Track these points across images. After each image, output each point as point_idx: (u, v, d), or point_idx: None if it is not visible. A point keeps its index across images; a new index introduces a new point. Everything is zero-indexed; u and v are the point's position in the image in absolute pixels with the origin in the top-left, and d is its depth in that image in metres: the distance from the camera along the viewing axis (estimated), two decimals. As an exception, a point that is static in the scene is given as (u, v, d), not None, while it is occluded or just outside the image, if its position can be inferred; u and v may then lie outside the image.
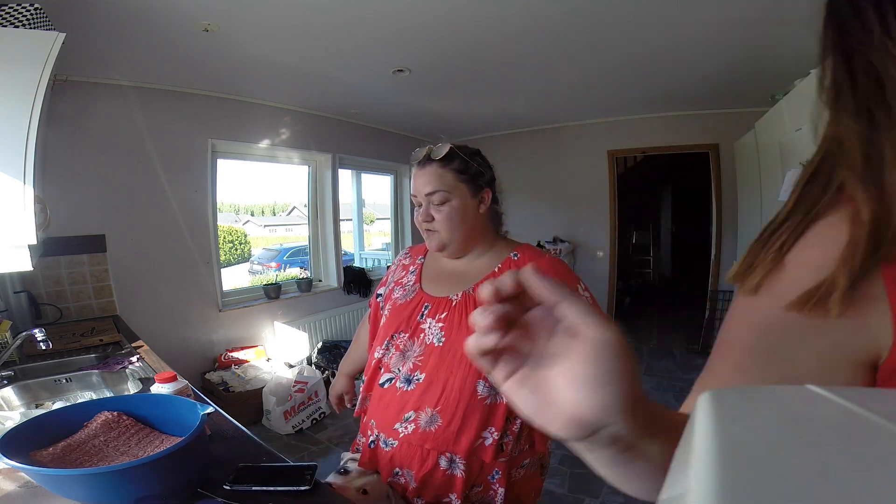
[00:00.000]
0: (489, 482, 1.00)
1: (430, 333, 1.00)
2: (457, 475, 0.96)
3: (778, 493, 0.15)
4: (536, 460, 1.07)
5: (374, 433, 1.04)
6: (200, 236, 2.90)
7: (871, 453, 0.17)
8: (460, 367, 0.95)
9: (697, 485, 0.17)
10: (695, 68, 2.68)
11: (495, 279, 0.31)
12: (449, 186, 1.01)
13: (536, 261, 1.03)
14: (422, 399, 0.96)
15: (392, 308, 1.08)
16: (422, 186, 1.02)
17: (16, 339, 1.48)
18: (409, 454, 0.98)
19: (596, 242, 4.37)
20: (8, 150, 1.18)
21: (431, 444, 0.96)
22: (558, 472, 2.25)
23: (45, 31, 1.35)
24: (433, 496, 0.98)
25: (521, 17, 1.94)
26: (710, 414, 0.22)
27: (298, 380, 2.77)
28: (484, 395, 0.95)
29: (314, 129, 3.54)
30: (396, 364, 1.02)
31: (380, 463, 1.03)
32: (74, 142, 2.33)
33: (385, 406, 1.01)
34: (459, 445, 0.94)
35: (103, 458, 0.81)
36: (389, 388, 1.02)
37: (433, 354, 0.98)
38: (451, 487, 0.97)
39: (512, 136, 4.60)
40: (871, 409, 0.20)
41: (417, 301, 1.05)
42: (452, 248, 1.05)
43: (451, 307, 1.00)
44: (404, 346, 1.01)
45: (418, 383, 0.97)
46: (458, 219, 1.01)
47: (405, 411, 0.98)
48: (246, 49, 2.19)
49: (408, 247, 1.26)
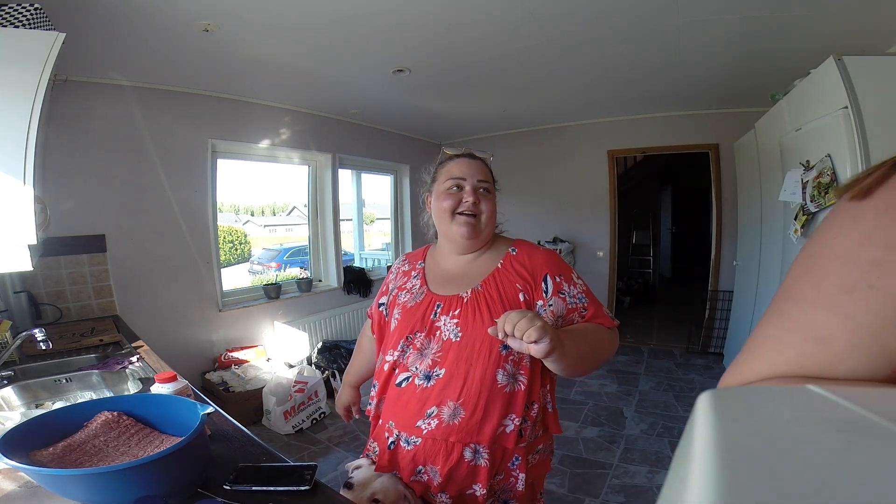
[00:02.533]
0: (509, 469, 1.04)
1: (445, 330, 1.02)
2: (481, 465, 1.00)
3: (778, 493, 0.15)
4: (548, 445, 1.12)
5: (393, 434, 1.05)
6: (200, 236, 2.90)
7: (871, 453, 0.17)
8: (479, 359, 0.98)
9: (697, 485, 0.17)
10: (695, 68, 2.68)
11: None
12: (491, 186, 1.09)
13: (532, 253, 1.08)
14: (443, 393, 0.98)
15: (403, 311, 1.10)
16: (475, 172, 1.07)
17: (16, 339, 1.48)
18: (433, 449, 1.00)
19: (596, 242, 4.37)
20: (8, 150, 1.18)
21: (456, 437, 0.98)
22: (558, 472, 2.25)
23: (45, 31, 1.35)
24: (458, 490, 1.01)
25: (521, 17, 1.94)
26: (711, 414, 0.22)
27: (298, 380, 2.77)
28: (504, 384, 0.98)
29: (314, 129, 3.54)
30: (414, 363, 1.03)
31: (400, 464, 1.04)
32: (74, 142, 2.33)
33: (404, 405, 1.02)
34: (483, 435, 0.98)
35: (103, 458, 0.81)
36: (408, 386, 1.03)
37: (451, 349, 1.00)
38: (476, 478, 1.00)
39: (512, 136, 4.60)
40: (872, 409, 0.20)
41: (428, 301, 1.07)
42: (482, 238, 1.09)
43: (463, 304, 1.03)
44: (422, 345, 1.03)
45: (438, 379, 1.00)
46: (494, 212, 1.09)
47: (427, 407, 0.99)
48: (246, 49, 2.19)
49: (404, 254, 1.29)
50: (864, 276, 0.33)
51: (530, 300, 1.02)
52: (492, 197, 1.08)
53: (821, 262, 0.36)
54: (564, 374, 0.95)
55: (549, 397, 1.08)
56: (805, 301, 0.36)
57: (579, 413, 2.91)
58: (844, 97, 1.72)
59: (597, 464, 2.32)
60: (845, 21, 1.99)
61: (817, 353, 0.35)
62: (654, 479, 2.17)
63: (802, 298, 0.36)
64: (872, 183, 0.35)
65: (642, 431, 2.63)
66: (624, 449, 2.45)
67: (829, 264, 0.36)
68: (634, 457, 2.37)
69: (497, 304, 1.00)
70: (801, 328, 0.36)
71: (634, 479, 2.18)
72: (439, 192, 1.09)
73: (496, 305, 1.00)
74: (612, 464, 2.31)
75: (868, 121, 1.68)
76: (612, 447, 2.48)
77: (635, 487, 2.11)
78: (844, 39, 2.12)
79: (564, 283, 1.03)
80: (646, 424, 2.70)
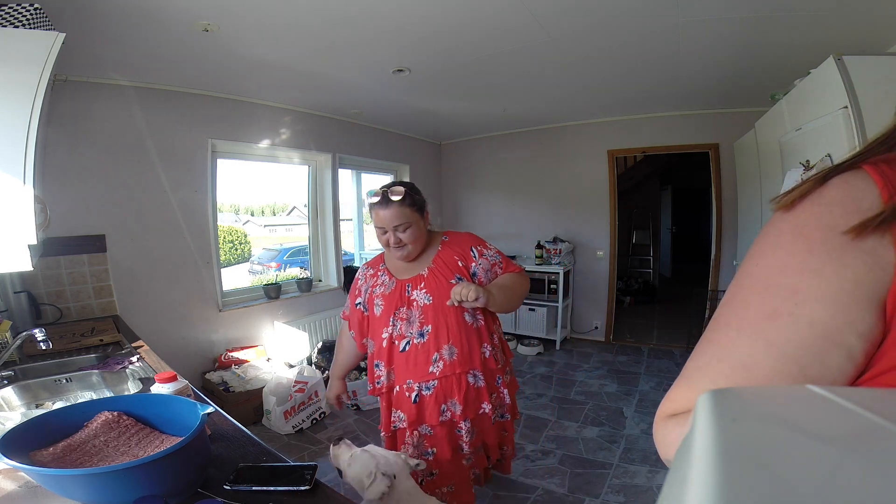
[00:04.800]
0: (498, 387, 1.48)
1: (419, 299, 1.40)
2: (482, 386, 1.42)
3: (777, 493, 0.15)
4: (511, 367, 1.59)
5: (413, 389, 1.39)
6: (200, 236, 2.90)
7: (870, 453, 0.17)
8: (450, 311, 1.38)
9: (697, 485, 0.17)
10: (695, 68, 2.68)
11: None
12: (409, 218, 1.39)
13: (459, 236, 1.51)
14: (437, 342, 1.37)
15: (383, 298, 1.44)
16: (390, 220, 1.37)
17: (16, 339, 1.48)
18: (447, 386, 1.38)
19: (596, 242, 4.36)
20: (8, 150, 1.18)
21: (461, 368, 1.38)
22: (558, 472, 2.25)
23: (45, 31, 1.35)
24: (473, 412, 1.41)
25: (521, 17, 1.94)
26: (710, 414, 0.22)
27: (298, 380, 2.77)
28: (470, 322, 1.41)
29: (314, 129, 3.54)
30: (406, 330, 1.40)
31: (427, 410, 1.39)
32: (74, 142, 2.33)
33: (414, 362, 1.39)
34: (475, 361, 1.40)
35: (103, 458, 0.81)
36: (411, 348, 1.39)
37: (429, 310, 1.39)
38: (481, 398, 1.42)
39: (512, 136, 4.60)
40: (872, 410, 0.20)
41: (400, 285, 1.44)
42: (415, 252, 1.44)
43: (425, 279, 1.42)
44: (407, 316, 1.40)
45: (429, 333, 1.38)
46: (419, 236, 1.42)
47: (431, 355, 1.37)
48: (246, 49, 2.19)
49: (363, 263, 1.66)
50: (783, 303, 0.35)
51: (466, 265, 1.44)
52: (410, 224, 1.39)
53: (744, 290, 0.38)
54: (502, 311, 1.43)
55: (500, 329, 1.55)
56: (731, 328, 0.38)
57: (579, 413, 2.91)
58: (844, 97, 1.72)
59: (597, 464, 2.32)
60: (845, 21, 1.99)
61: (743, 381, 0.36)
62: (654, 479, 2.17)
63: (728, 325, 0.39)
64: (796, 196, 0.37)
65: (642, 431, 2.63)
66: (624, 449, 2.46)
67: (749, 293, 0.38)
68: (634, 457, 2.37)
69: (446, 271, 1.42)
70: (729, 357, 0.38)
71: (634, 479, 2.18)
72: (375, 230, 1.45)
73: (446, 272, 1.42)
74: (612, 464, 2.31)
75: (868, 121, 1.68)
76: (612, 447, 2.48)
77: (635, 487, 2.11)
78: (844, 39, 2.12)
79: (484, 249, 1.48)
80: (646, 424, 2.70)
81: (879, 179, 0.34)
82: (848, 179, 0.36)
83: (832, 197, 0.36)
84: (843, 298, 0.33)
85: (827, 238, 0.34)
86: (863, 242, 0.33)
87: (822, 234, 0.35)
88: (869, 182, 0.34)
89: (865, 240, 0.33)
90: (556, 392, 3.26)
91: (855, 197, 0.34)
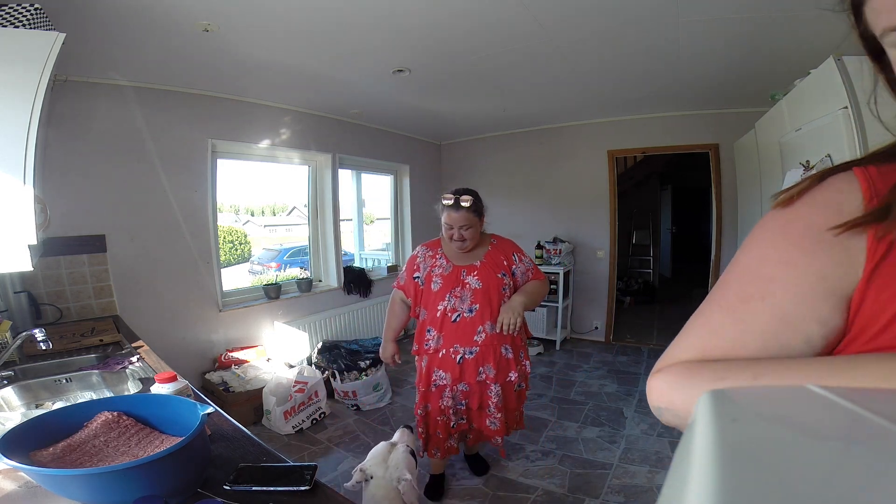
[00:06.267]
0: (521, 360, 1.91)
1: (471, 283, 1.82)
2: (510, 357, 1.86)
3: (777, 493, 0.15)
4: (527, 344, 2.01)
5: (459, 353, 1.81)
6: (200, 236, 2.90)
7: (870, 453, 0.17)
8: (494, 295, 1.81)
9: (697, 484, 0.17)
10: (695, 68, 2.68)
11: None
12: (472, 221, 1.80)
13: (505, 242, 1.96)
14: (482, 317, 1.80)
15: (442, 277, 1.84)
16: (457, 221, 1.78)
17: (16, 339, 1.48)
18: (486, 353, 1.81)
19: (596, 242, 4.36)
20: (8, 150, 1.18)
21: (498, 341, 1.82)
22: (558, 472, 2.25)
23: (45, 31, 1.35)
24: (503, 377, 1.85)
25: (521, 16, 1.94)
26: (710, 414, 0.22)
27: (298, 380, 2.77)
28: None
29: (314, 129, 3.54)
30: (459, 305, 1.81)
31: (467, 370, 1.81)
32: (74, 142, 2.33)
33: (462, 331, 1.80)
34: (507, 337, 1.82)
35: (103, 459, 0.81)
36: (461, 320, 1.81)
37: (478, 293, 1.81)
38: (510, 367, 1.86)
39: (512, 136, 4.60)
40: (871, 409, 0.20)
41: (457, 270, 1.84)
42: (470, 248, 1.85)
43: (477, 268, 1.84)
44: (460, 294, 1.81)
45: (477, 310, 1.80)
46: (475, 236, 1.84)
47: (476, 327, 1.79)
48: (246, 49, 2.19)
49: (422, 244, 1.98)
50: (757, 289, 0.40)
51: (509, 265, 1.87)
52: (472, 226, 1.79)
53: (731, 274, 0.44)
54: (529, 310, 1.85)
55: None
56: (714, 303, 0.44)
57: (579, 413, 2.91)
58: (844, 97, 1.72)
59: (597, 464, 2.32)
60: (845, 21, 1.99)
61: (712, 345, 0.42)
62: (654, 479, 2.17)
63: (714, 301, 0.44)
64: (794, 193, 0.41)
65: (642, 431, 2.63)
66: (624, 449, 2.45)
67: (734, 277, 0.43)
68: (634, 457, 2.37)
69: (494, 266, 1.84)
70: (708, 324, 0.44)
71: (634, 479, 2.18)
72: (442, 224, 1.83)
73: (494, 266, 1.84)
74: (612, 464, 2.31)
75: (868, 121, 1.68)
76: (612, 447, 2.48)
77: (635, 487, 2.11)
78: (844, 39, 2.12)
79: (522, 256, 1.94)
80: (646, 424, 2.70)
81: (864, 184, 0.37)
82: (837, 182, 0.39)
83: (820, 198, 0.39)
84: (806, 290, 0.37)
85: (806, 234, 0.38)
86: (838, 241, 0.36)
87: (804, 231, 0.39)
88: (855, 186, 0.38)
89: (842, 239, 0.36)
90: (556, 392, 3.26)
91: (839, 199, 0.38)
